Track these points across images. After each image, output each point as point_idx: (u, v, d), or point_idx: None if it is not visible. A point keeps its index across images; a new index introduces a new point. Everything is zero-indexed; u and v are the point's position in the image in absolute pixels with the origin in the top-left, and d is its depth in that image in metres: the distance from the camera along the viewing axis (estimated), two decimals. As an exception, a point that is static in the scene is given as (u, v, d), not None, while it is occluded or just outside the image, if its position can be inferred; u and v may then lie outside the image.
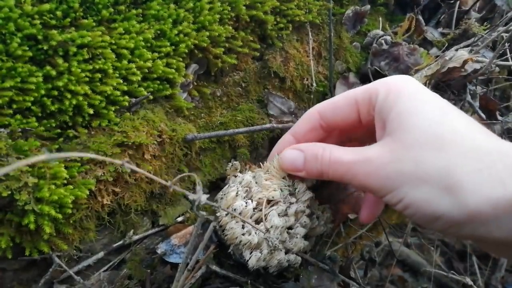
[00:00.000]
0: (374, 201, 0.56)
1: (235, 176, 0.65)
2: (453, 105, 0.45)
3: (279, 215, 0.57)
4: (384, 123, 0.45)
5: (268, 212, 0.57)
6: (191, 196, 0.36)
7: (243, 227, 0.57)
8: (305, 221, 0.59)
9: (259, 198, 0.57)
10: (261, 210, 0.57)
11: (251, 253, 0.56)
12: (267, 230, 0.54)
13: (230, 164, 0.67)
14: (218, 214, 0.60)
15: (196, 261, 0.57)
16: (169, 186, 0.35)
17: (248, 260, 0.56)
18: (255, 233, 0.56)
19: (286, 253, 0.58)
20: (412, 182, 0.40)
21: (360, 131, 0.58)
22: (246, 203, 0.57)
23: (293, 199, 0.60)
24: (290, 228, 0.59)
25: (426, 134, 0.40)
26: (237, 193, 0.59)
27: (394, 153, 0.41)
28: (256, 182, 0.60)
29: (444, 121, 0.40)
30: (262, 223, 0.56)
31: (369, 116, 0.48)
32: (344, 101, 0.50)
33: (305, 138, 0.55)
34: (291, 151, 0.52)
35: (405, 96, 0.44)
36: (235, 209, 0.57)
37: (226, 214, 0.58)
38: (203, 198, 0.36)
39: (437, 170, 0.38)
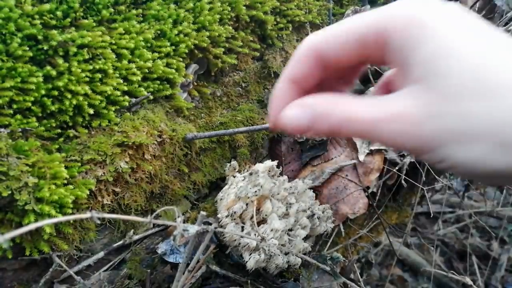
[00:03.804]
0: None
1: (234, 177, 0.65)
2: (495, 30, 0.36)
3: (279, 217, 0.57)
4: (406, 66, 0.37)
5: (269, 215, 0.57)
6: (174, 229, 0.35)
7: (242, 230, 0.57)
8: (305, 223, 0.59)
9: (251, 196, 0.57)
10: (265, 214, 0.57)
11: (250, 254, 0.56)
12: (263, 239, 0.54)
13: (229, 164, 0.67)
14: (218, 216, 0.60)
15: (196, 261, 0.57)
16: (148, 221, 0.34)
17: (247, 262, 0.56)
18: (254, 234, 0.56)
19: (286, 254, 0.58)
20: (460, 140, 0.33)
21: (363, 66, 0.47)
22: (247, 205, 0.57)
23: (293, 199, 0.60)
24: (290, 230, 0.59)
25: (472, 81, 0.33)
26: (235, 195, 0.59)
27: (432, 106, 0.34)
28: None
29: (493, 61, 0.33)
30: (261, 225, 0.56)
31: (377, 55, 0.40)
32: (347, 35, 0.40)
33: (304, 81, 0.44)
34: (295, 111, 0.42)
35: (435, 30, 0.35)
36: (234, 212, 0.57)
37: (226, 216, 0.58)
38: (184, 225, 0.35)
39: (490, 125, 0.32)
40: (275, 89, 0.45)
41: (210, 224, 0.58)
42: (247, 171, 0.65)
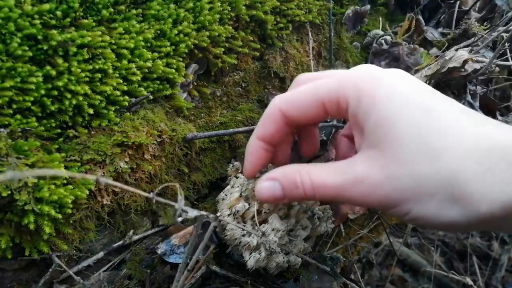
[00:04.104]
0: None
1: (237, 177, 0.65)
2: (434, 91, 0.40)
3: (280, 218, 0.57)
4: (362, 130, 0.42)
5: (270, 215, 0.57)
6: (175, 205, 0.35)
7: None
8: (306, 224, 0.59)
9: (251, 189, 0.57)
10: (265, 212, 0.57)
11: (250, 253, 0.56)
12: (263, 234, 0.54)
13: (231, 165, 0.67)
14: (219, 214, 0.60)
15: (196, 261, 0.56)
16: (151, 198, 0.34)
17: (247, 261, 0.56)
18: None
19: (286, 254, 0.58)
20: (416, 199, 0.38)
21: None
22: (249, 204, 0.57)
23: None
24: (291, 230, 0.59)
25: (418, 144, 0.37)
26: (240, 194, 0.59)
27: (387, 170, 0.39)
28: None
29: (435, 124, 0.37)
30: (262, 225, 0.56)
31: (339, 116, 0.46)
32: (310, 101, 0.46)
33: (274, 139, 0.51)
34: (267, 184, 0.47)
35: (382, 98, 0.39)
36: (237, 211, 0.57)
37: (228, 215, 0.58)
38: (184, 207, 0.35)
39: (439, 182, 0.36)
40: (249, 144, 0.52)
41: (210, 223, 0.58)
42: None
